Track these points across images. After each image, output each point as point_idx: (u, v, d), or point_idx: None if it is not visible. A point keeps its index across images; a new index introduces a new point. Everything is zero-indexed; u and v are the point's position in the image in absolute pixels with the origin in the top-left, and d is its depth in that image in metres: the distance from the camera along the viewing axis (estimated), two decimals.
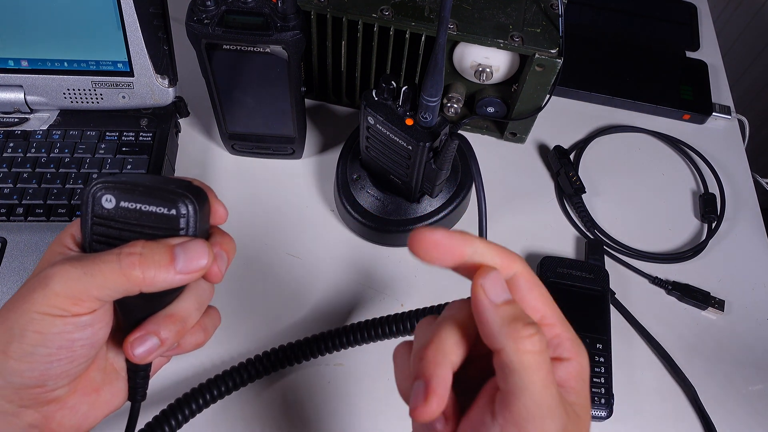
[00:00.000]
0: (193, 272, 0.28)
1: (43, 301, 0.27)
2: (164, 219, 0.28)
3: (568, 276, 0.52)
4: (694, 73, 0.71)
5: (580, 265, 0.53)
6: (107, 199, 0.28)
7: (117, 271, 0.27)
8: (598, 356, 0.48)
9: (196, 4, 0.45)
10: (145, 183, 0.28)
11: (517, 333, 0.24)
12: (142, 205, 0.28)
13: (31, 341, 0.27)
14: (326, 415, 0.47)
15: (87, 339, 0.28)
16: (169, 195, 0.28)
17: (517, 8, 0.55)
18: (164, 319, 0.30)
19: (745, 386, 0.50)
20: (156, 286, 0.28)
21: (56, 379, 0.28)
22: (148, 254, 0.27)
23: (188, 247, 0.28)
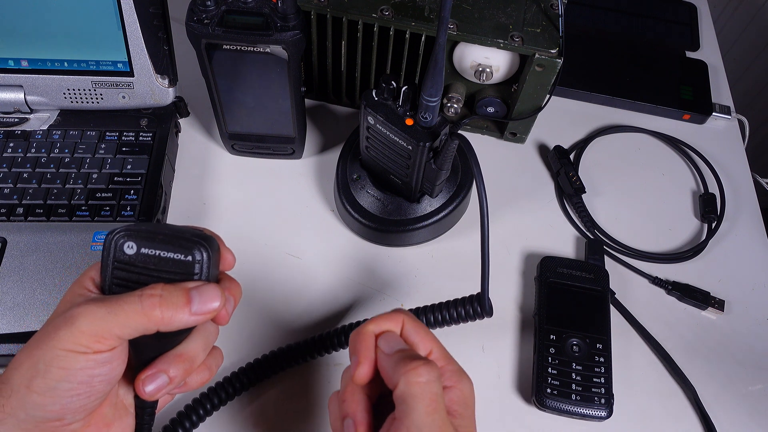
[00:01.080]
0: (206, 314, 0.31)
1: (68, 338, 0.28)
2: (180, 264, 0.30)
3: (568, 276, 0.52)
4: (694, 73, 0.71)
5: (580, 265, 0.53)
6: (129, 246, 0.30)
7: (139, 311, 0.29)
8: (598, 356, 0.48)
9: (196, 4, 0.45)
10: (164, 231, 0.31)
11: (405, 367, 0.30)
12: (161, 252, 0.30)
13: (55, 377, 0.28)
14: (326, 414, 0.47)
15: (105, 375, 0.30)
16: (186, 242, 0.30)
17: (517, 8, 0.55)
18: (174, 358, 0.32)
19: (745, 386, 0.50)
20: (173, 325, 0.30)
21: (74, 413, 0.30)
22: (167, 296, 0.30)
23: (203, 290, 0.30)
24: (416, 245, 0.56)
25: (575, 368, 0.47)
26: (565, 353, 0.48)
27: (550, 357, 0.48)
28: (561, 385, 0.46)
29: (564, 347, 0.48)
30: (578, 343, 0.48)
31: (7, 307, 0.46)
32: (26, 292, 0.46)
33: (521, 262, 0.56)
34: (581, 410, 0.46)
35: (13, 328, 0.45)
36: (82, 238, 0.49)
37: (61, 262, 0.48)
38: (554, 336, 0.49)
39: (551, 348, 0.48)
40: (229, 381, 0.45)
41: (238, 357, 0.48)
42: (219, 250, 0.33)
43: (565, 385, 0.46)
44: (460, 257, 0.55)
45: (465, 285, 0.49)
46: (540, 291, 0.52)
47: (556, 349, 0.48)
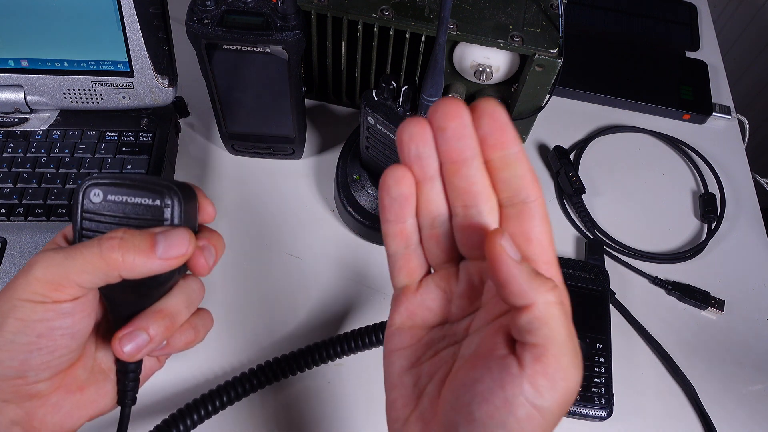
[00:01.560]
0: (174, 259, 0.28)
1: (25, 287, 0.27)
2: (149, 210, 0.29)
3: (568, 276, 0.52)
4: (694, 73, 0.71)
5: (580, 265, 0.53)
6: (95, 193, 0.29)
7: (97, 255, 0.27)
8: (598, 356, 0.48)
9: (196, 4, 0.45)
10: (134, 178, 0.29)
11: (542, 287, 0.24)
12: (128, 197, 0.28)
13: (12, 329, 0.27)
14: (326, 414, 0.47)
15: (68, 328, 0.28)
16: (155, 187, 0.29)
17: (517, 8, 0.55)
18: (153, 314, 0.30)
19: (745, 386, 0.50)
20: (136, 271, 0.28)
21: (36, 370, 0.28)
22: (129, 239, 0.27)
23: (170, 234, 0.28)
24: None
25: None
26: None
27: None
28: None
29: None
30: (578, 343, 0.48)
31: None
32: None
33: None
34: (581, 410, 0.46)
35: None
36: None
37: None
38: None
39: None
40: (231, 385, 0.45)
41: (237, 356, 0.48)
42: (195, 198, 0.31)
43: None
44: None
45: None
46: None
47: None
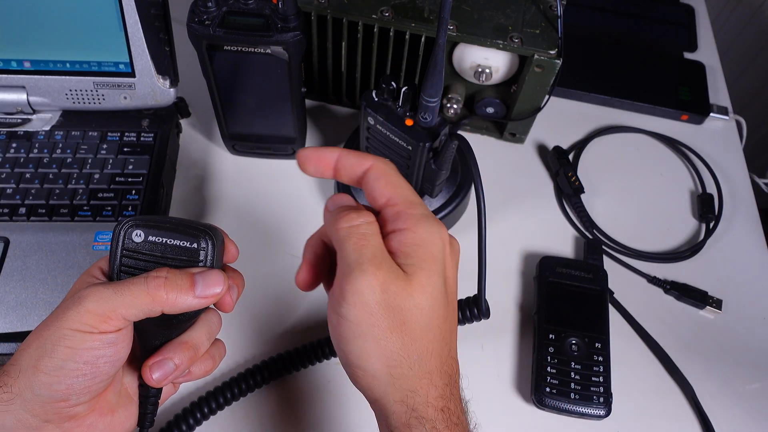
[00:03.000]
0: (210, 297, 0.31)
1: (76, 318, 0.29)
2: (186, 252, 0.32)
3: (567, 275, 0.52)
4: (692, 74, 0.71)
5: (579, 264, 0.54)
6: (137, 234, 0.31)
7: (144, 292, 0.30)
8: (596, 355, 0.48)
9: (198, 5, 0.46)
10: (171, 221, 0.32)
11: (334, 218, 0.31)
12: (168, 239, 0.31)
13: (62, 356, 0.29)
14: (326, 414, 0.47)
15: (110, 357, 0.30)
16: (192, 231, 0.32)
17: (516, 9, 0.55)
18: (179, 345, 0.33)
19: (743, 385, 0.51)
20: (177, 307, 0.31)
21: (79, 394, 0.30)
22: (172, 278, 0.31)
23: (207, 275, 0.31)
24: None
25: (574, 367, 0.48)
26: (564, 352, 0.48)
27: (549, 356, 0.48)
28: (560, 384, 0.47)
29: (563, 346, 0.48)
30: (577, 343, 0.49)
31: (9, 306, 0.46)
32: (29, 292, 0.47)
33: (520, 262, 0.56)
34: (580, 409, 0.46)
35: (16, 327, 0.45)
36: (84, 238, 0.50)
37: (63, 261, 0.48)
38: (553, 335, 0.49)
39: (550, 347, 0.48)
40: (228, 385, 0.45)
41: (237, 356, 0.49)
42: (223, 241, 0.34)
43: (563, 384, 0.47)
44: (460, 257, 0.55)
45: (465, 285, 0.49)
46: (539, 290, 0.52)
47: (555, 348, 0.48)
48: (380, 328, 0.29)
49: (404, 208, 0.31)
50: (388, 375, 0.30)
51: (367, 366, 0.30)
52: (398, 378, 0.30)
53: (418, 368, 0.30)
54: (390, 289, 0.29)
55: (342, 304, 0.29)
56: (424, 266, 0.30)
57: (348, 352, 0.30)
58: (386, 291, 0.29)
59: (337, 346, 0.31)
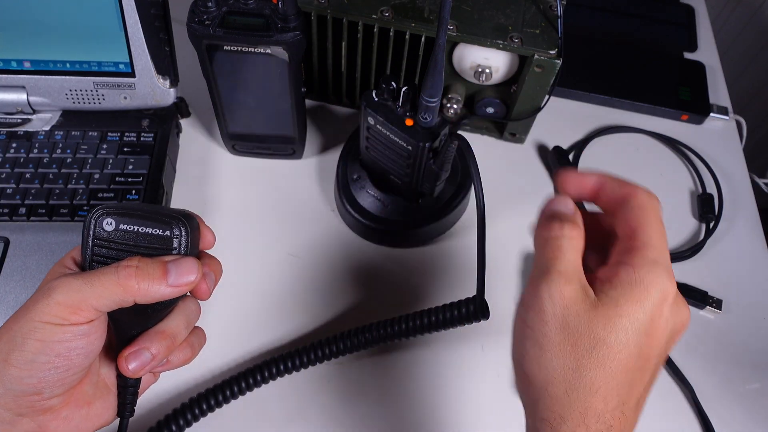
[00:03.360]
0: (184, 286, 0.31)
1: (45, 310, 0.29)
2: (159, 239, 0.31)
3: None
4: (692, 74, 0.71)
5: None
6: (108, 222, 0.31)
7: (115, 282, 0.29)
8: None
9: (197, 5, 0.46)
10: (143, 208, 0.31)
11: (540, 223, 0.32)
12: (140, 227, 0.31)
13: (32, 349, 0.29)
14: (326, 414, 0.47)
15: (83, 348, 0.30)
16: (165, 218, 0.31)
17: (516, 9, 0.55)
18: (155, 335, 0.32)
19: (743, 385, 0.51)
20: (149, 296, 0.30)
21: (52, 387, 0.30)
22: (144, 267, 0.30)
23: (180, 263, 0.31)
24: (416, 245, 0.56)
25: None
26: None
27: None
28: None
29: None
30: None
31: (9, 306, 0.46)
32: (29, 292, 0.47)
33: (521, 262, 0.56)
34: None
35: None
36: None
37: None
38: None
39: None
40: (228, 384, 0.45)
41: (236, 355, 0.49)
42: (198, 228, 0.33)
43: None
44: (460, 257, 0.56)
45: (465, 285, 0.49)
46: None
47: None
48: (549, 339, 0.28)
49: (640, 247, 0.29)
50: (542, 389, 0.28)
51: (526, 370, 0.29)
52: (552, 397, 0.28)
53: (575, 398, 0.28)
54: (571, 307, 0.28)
55: (522, 303, 0.30)
56: (622, 304, 0.28)
57: (515, 350, 0.30)
58: (567, 307, 0.28)
59: (512, 340, 0.31)
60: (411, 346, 0.50)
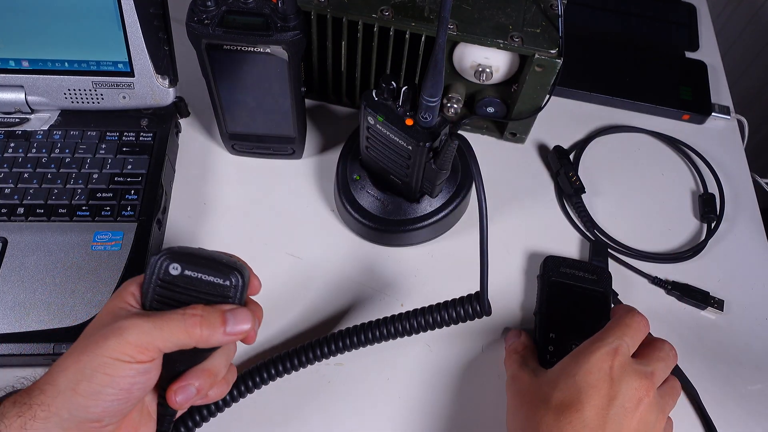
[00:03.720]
0: (238, 334, 0.34)
1: (116, 347, 0.31)
2: (218, 288, 0.34)
3: (571, 276, 0.52)
4: (694, 73, 0.71)
5: (584, 265, 0.53)
6: (174, 267, 0.33)
7: (182, 329, 0.33)
8: None
9: (197, 4, 0.45)
10: (204, 256, 0.34)
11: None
12: (202, 275, 0.34)
13: (100, 382, 0.31)
14: (326, 414, 0.47)
15: (143, 383, 0.33)
16: (224, 268, 0.34)
17: (516, 9, 0.55)
18: (201, 372, 0.35)
19: (745, 386, 0.51)
20: (209, 343, 0.33)
21: (112, 416, 0.33)
22: (207, 317, 0.33)
23: (236, 313, 0.34)
24: (416, 245, 0.56)
25: None
26: (564, 353, 0.47)
27: (548, 355, 0.48)
28: None
29: (563, 347, 0.48)
30: (578, 344, 0.48)
31: (8, 306, 0.46)
32: (27, 292, 0.47)
33: (521, 262, 0.56)
34: None
35: (14, 328, 0.45)
36: (83, 238, 0.49)
37: (61, 262, 0.48)
38: (554, 335, 0.49)
39: (550, 346, 0.48)
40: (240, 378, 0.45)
41: (236, 356, 0.48)
42: (249, 277, 0.36)
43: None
44: (460, 257, 0.55)
45: (465, 285, 0.49)
46: (542, 289, 0.52)
47: (555, 348, 0.48)
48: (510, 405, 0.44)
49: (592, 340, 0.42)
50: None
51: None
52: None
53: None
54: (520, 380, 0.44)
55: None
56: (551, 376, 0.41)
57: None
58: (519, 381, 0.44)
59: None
60: (411, 346, 0.50)
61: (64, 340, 0.44)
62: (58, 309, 0.46)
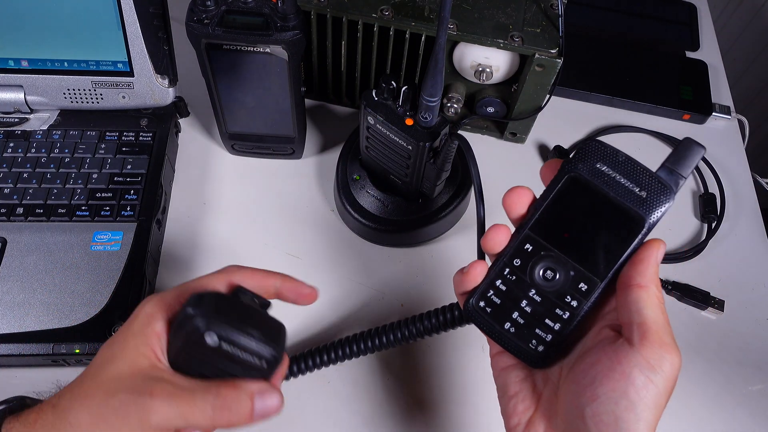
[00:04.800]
0: (264, 417, 0.32)
1: (137, 426, 0.30)
2: (249, 364, 0.31)
3: (606, 179, 0.33)
4: (694, 73, 0.71)
5: (636, 171, 0.33)
6: (210, 336, 0.30)
7: (209, 417, 0.31)
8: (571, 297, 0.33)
9: (196, 4, 0.45)
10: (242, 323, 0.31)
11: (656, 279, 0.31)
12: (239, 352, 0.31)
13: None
14: (326, 414, 0.47)
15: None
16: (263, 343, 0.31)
17: (517, 8, 0.55)
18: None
19: (745, 386, 0.50)
20: (233, 427, 0.32)
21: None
22: (235, 408, 0.31)
23: (266, 397, 0.32)
24: (416, 245, 0.56)
25: (531, 296, 0.34)
26: (531, 274, 0.34)
27: (509, 269, 0.34)
28: (500, 306, 0.34)
29: (534, 267, 0.34)
30: (556, 271, 0.33)
31: (7, 306, 0.46)
32: (26, 292, 0.46)
33: None
34: (507, 342, 0.34)
35: (13, 328, 0.45)
36: (82, 238, 0.49)
37: (61, 261, 0.48)
38: (531, 247, 0.34)
39: (517, 259, 0.34)
40: None
41: None
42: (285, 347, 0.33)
43: (504, 308, 0.34)
44: (460, 257, 0.55)
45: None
46: (553, 181, 0.35)
47: (522, 263, 0.34)
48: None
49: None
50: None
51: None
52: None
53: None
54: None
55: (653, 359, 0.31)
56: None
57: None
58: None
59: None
60: (411, 346, 0.50)
61: (63, 341, 0.44)
62: (58, 309, 0.46)
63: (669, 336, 0.30)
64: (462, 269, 0.36)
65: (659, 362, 0.29)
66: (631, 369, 0.29)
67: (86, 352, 0.44)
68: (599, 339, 0.32)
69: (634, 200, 0.33)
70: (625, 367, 0.29)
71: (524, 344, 0.34)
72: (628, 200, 0.33)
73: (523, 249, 0.34)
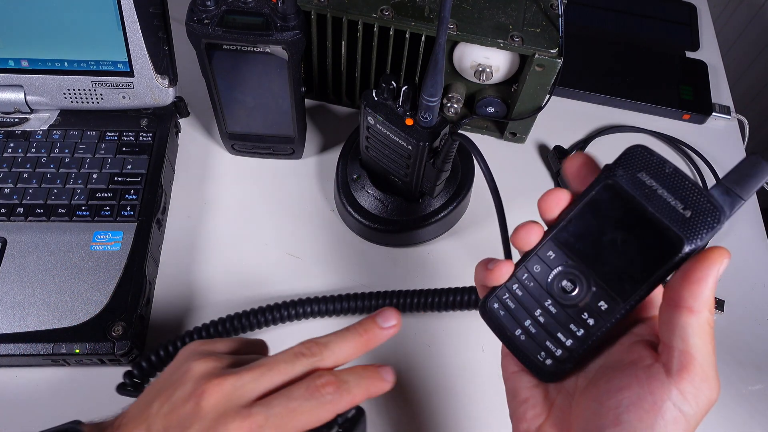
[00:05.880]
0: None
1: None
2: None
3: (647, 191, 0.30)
4: (694, 73, 0.71)
5: (684, 187, 0.29)
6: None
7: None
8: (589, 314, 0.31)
9: (196, 4, 0.45)
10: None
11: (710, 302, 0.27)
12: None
13: None
14: None
15: None
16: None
17: (517, 8, 0.55)
18: None
19: (746, 386, 0.50)
20: None
21: None
22: None
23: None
24: (416, 245, 0.56)
25: (547, 305, 0.32)
26: (550, 283, 0.32)
27: (527, 274, 0.33)
28: (514, 311, 0.33)
29: (555, 276, 0.32)
30: (578, 284, 0.31)
31: (7, 307, 0.46)
32: (26, 292, 0.46)
33: None
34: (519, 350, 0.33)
35: (14, 328, 0.45)
36: (83, 238, 0.49)
37: (61, 261, 0.48)
38: (554, 254, 0.32)
39: (537, 266, 0.32)
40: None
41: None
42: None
43: (518, 314, 0.33)
44: (460, 257, 0.55)
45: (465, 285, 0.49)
46: (590, 187, 0.32)
47: (541, 271, 0.32)
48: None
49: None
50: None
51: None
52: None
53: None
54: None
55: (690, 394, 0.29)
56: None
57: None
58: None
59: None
60: (411, 345, 0.50)
61: (63, 340, 0.44)
62: (58, 309, 0.46)
63: (712, 368, 0.28)
64: (487, 261, 0.33)
65: (695, 396, 0.27)
66: (664, 402, 0.27)
67: (86, 352, 0.44)
68: (631, 359, 0.28)
69: (675, 219, 0.28)
70: (657, 399, 0.27)
71: (533, 355, 0.32)
72: (667, 218, 0.28)
73: (546, 255, 0.32)
